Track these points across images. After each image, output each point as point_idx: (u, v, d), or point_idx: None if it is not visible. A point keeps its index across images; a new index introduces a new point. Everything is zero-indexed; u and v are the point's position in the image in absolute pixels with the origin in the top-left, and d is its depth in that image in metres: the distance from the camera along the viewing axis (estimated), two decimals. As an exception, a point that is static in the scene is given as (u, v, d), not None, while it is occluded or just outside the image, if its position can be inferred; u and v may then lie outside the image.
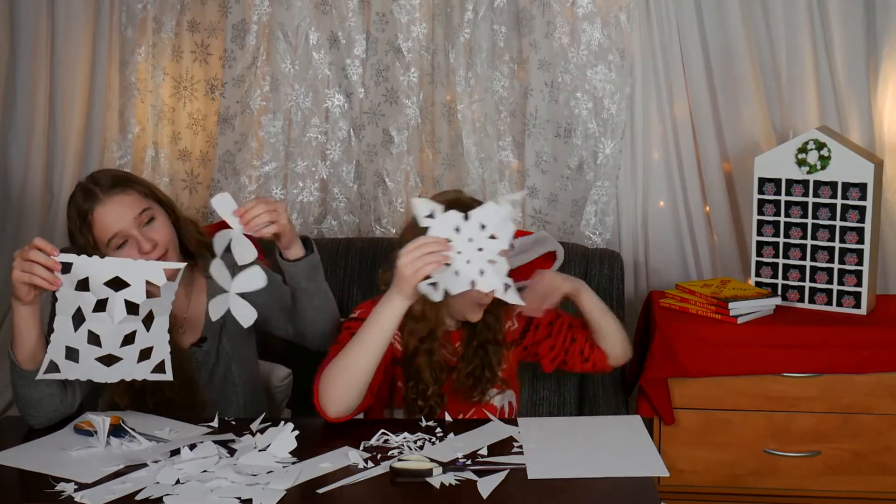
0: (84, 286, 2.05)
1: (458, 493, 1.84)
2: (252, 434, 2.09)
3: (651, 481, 1.89)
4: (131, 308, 2.08)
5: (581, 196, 3.33)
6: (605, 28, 3.25)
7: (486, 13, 3.27)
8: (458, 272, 2.01)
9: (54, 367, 2.09)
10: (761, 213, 3.09)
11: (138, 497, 1.83)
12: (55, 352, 2.09)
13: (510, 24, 3.30)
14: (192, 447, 1.97)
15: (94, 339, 2.08)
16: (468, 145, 3.30)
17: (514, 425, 2.14)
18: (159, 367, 2.13)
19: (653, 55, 3.30)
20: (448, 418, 2.20)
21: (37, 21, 3.46)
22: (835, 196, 2.99)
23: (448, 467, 1.91)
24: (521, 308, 2.34)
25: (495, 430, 2.12)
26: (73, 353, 2.09)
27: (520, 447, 2.03)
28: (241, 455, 1.97)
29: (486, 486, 1.85)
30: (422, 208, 2.00)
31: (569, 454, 2.00)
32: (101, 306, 2.06)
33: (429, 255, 1.97)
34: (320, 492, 1.84)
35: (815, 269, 3.06)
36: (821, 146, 2.99)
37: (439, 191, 3.35)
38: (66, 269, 2.05)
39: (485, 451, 2.00)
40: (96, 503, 1.82)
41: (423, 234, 2.02)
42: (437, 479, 1.87)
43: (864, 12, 3.22)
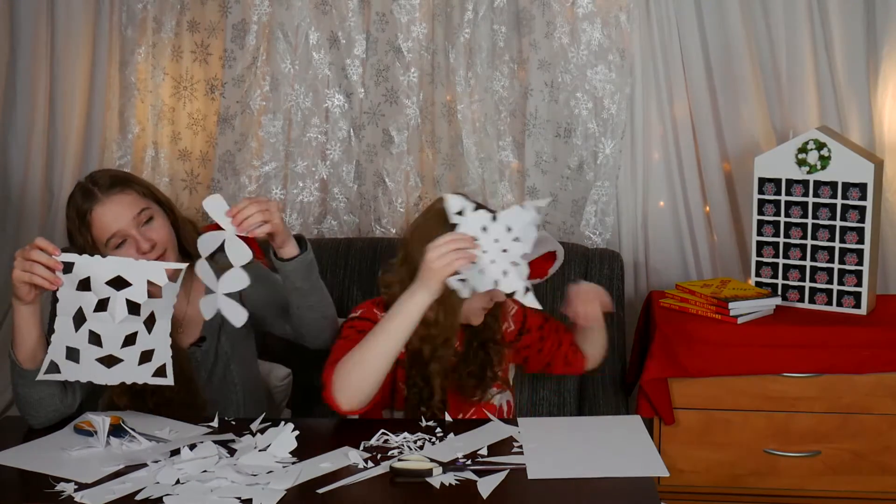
0: (85, 286, 2.05)
1: (458, 493, 1.84)
2: (252, 434, 2.09)
3: (651, 481, 1.89)
4: (133, 308, 2.08)
5: (581, 196, 3.32)
6: (605, 28, 3.25)
7: (486, 13, 3.27)
8: (483, 271, 2.02)
9: (55, 368, 2.09)
10: (761, 213, 3.09)
11: (138, 497, 1.83)
12: (56, 352, 2.09)
13: (510, 24, 3.30)
14: (192, 447, 1.97)
15: (94, 338, 2.08)
16: (468, 145, 3.30)
17: (514, 425, 2.14)
18: (160, 371, 2.13)
19: (653, 55, 3.30)
20: (448, 418, 2.20)
21: (37, 21, 3.46)
22: (835, 196, 2.99)
23: (448, 467, 1.91)
24: (573, 317, 2.38)
25: (495, 430, 2.12)
26: (73, 354, 2.09)
27: (520, 447, 2.03)
28: (241, 455, 1.97)
29: (486, 486, 1.85)
30: (454, 204, 2.02)
31: (569, 454, 2.00)
32: (102, 306, 2.07)
33: (458, 251, 1.97)
34: (320, 492, 1.84)
35: (815, 269, 3.06)
36: (821, 146, 2.99)
37: (440, 191, 3.35)
38: (68, 268, 2.05)
39: (485, 451, 2.00)
40: (96, 503, 1.82)
41: (431, 225, 2.10)
42: (437, 479, 1.87)
43: (864, 12, 3.22)
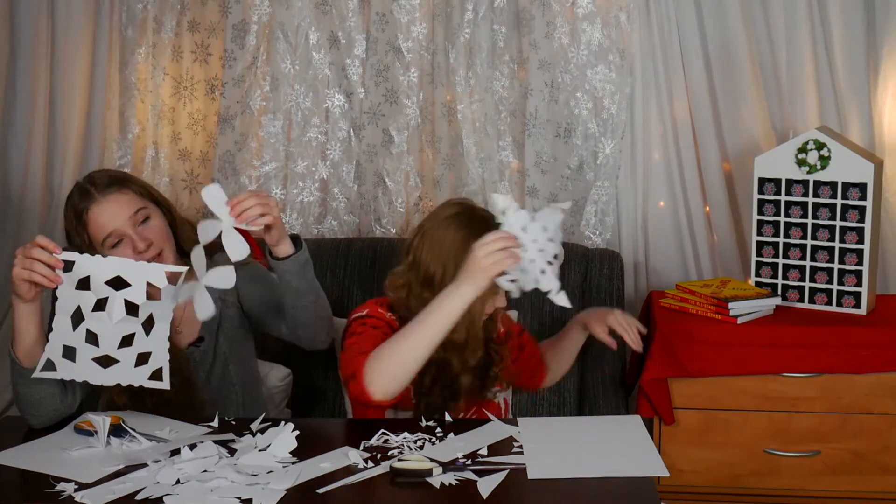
0: (84, 285, 2.05)
1: (458, 493, 1.84)
2: (252, 434, 2.09)
3: (651, 481, 1.89)
4: (131, 309, 2.07)
5: (581, 196, 3.32)
6: (605, 28, 3.25)
7: (486, 13, 3.27)
8: (525, 270, 2.05)
9: (51, 366, 2.09)
10: (761, 213, 3.09)
11: (138, 497, 1.83)
12: (53, 350, 2.08)
13: (510, 24, 3.29)
14: (192, 447, 1.97)
15: (92, 338, 2.08)
16: (468, 145, 3.30)
17: (514, 425, 2.15)
18: (157, 374, 2.12)
19: (653, 55, 3.30)
20: (448, 418, 2.20)
21: (37, 21, 3.46)
22: (835, 196, 2.99)
23: (448, 467, 1.91)
24: (594, 331, 2.53)
25: (495, 430, 2.12)
26: (70, 353, 2.09)
27: (520, 447, 2.03)
28: (241, 455, 1.97)
29: (486, 486, 1.85)
30: (500, 204, 2.04)
31: (569, 454, 2.00)
32: (101, 306, 2.06)
33: (505, 250, 1.99)
34: (320, 492, 1.84)
35: (815, 269, 3.06)
36: (821, 146, 2.99)
37: (440, 191, 3.35)
38: (68, 267, 2.05)
39: (485, 451, 2.00)
40: (96, 503, 1.82)
41: (442, 231, 2.20)
42: (437, 479, 1.87)
43: (864, 12, 3.21)
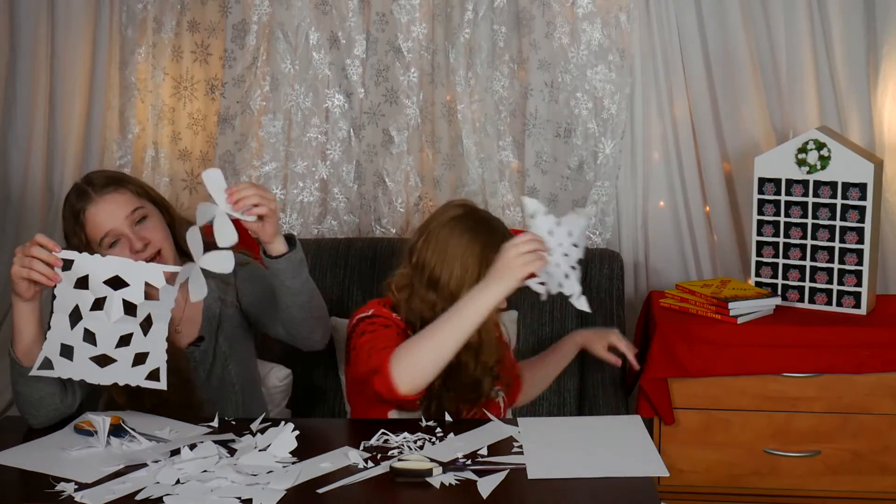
0: (83, 284, 2.05)
1: (458, 493, 1.84)
2: (252, 434, 2.09)
3: (651, 481, 1.89)
4: (129, 308, 2.07)
5: (581, 196, 3.32)
6: (605, 28, 3.25)
7: (486, 13, 3.27)
8: (550, 273, 2.06)
9: (48, 364, 2.08)
10: (761, 213, 3.09)
11: (138, 497, 1.83)
12: (50, 349, 2.07)
13: (510, 24, 3.29)
14: (192, 447, 1.97)
15: (89, 337, 2.07)
16: (468, 145, 3.30)
17: (514, 425, 2.15)
18: (154, 375, 2.11)
19: (653, 55, 3.30)
20: (448, 418, 2.20)
21: (37, 21, 3.46)
22: (835, 196, 2.99)
23: (448, 467, 1.91)
24: (593, 349, 2.63)
25: (495, 430, 2.12)
26: (68, 352, 2.08)
27: (520, 447, 2.03)
28: (241, 455, 1.97)
29: (486, 486, 1.85)
30: (529, 207, 2.06)
31: (569, 454, 2.00)
32: (99, 305, 2.06)
33: (535, 252, 2.01)
34: (320, 492, 1.84)
35: (815, 269, 3.06)
36: (821, 146, 2.99)
37: (440, 191, 3.35)
38: (67, 266, 2.05)
39: (485, 451, 2.00)
40: (96, 503, 1.82)
41: (447, 233, 2.24)
42: (437, 479, 1.87)
43: (864, 12, 3.21)
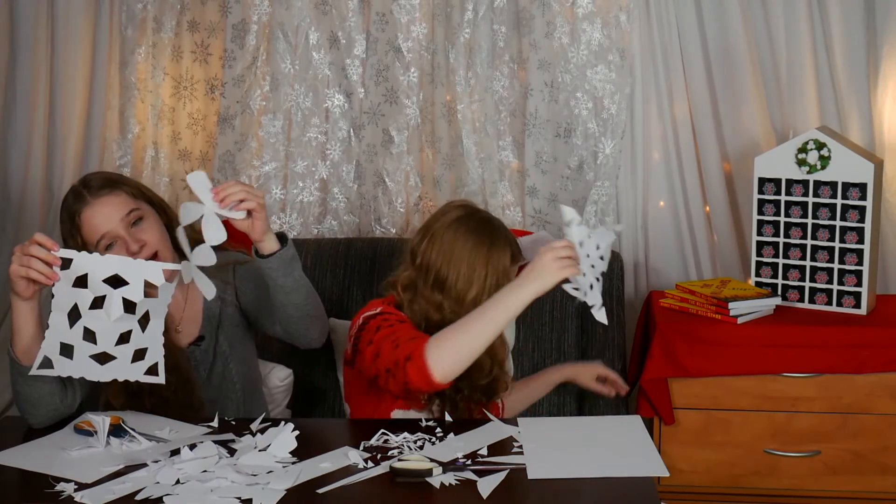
0: (82, 283, 2.05)
1: (458, 493, 1.84)
2: (252, 434, 2.09)
3: (651, 481, 1.89)
4: (128, 307, 2.07)
5: (581, 196, 3.32)
6: (605, 28, 3.25)
7: (486, 13, 3.27)
8: (578, 282, 2.10)
9: (48, 363, 2.08)
10: (761, 213, 3.09)
11: (138, 497, 1.83)
12: (49, 348, 2.07)
13: (510, 24, 3.29)
14: (192, 447, 1.97)
15: (89, 336, 2.07)
16: (468, 145, 3.30)
17: (514, 425, 2.15)
18: (152, 370, 2.11)
19: (653, 55, 3.29)
20: (448, 418, 2.20)
21: (37, 21, 3.46)
22: (835, 196, 2.99)
23: (448, 467, 1.91)
24: (583, 381, 2.76)
25: (495, 430, 2.12)
26: (67, 350, 2.08)
27: (520, 447, 2.03)
28: (241, 455, 1.97)
29: (486, 486, 1.85)
30: (567, 215, 2.10)
31: (569, 454, 2.00)
32: (98, 304, 2.06)
33: (571, 259, 2.06)
34: (320, 492, 1.84)
35: (815, 269, 3.06)
36: (821, 146, 2.99)
37: (440, 191, 3.35)
38: (66, 265, 2.05)
39: (485, 451, 2.01)
40: (96, 503, 1.82)
41: (451, 234, 2.29)
42: (437, 479, 1.87)
43: (864, 12, 3.21)
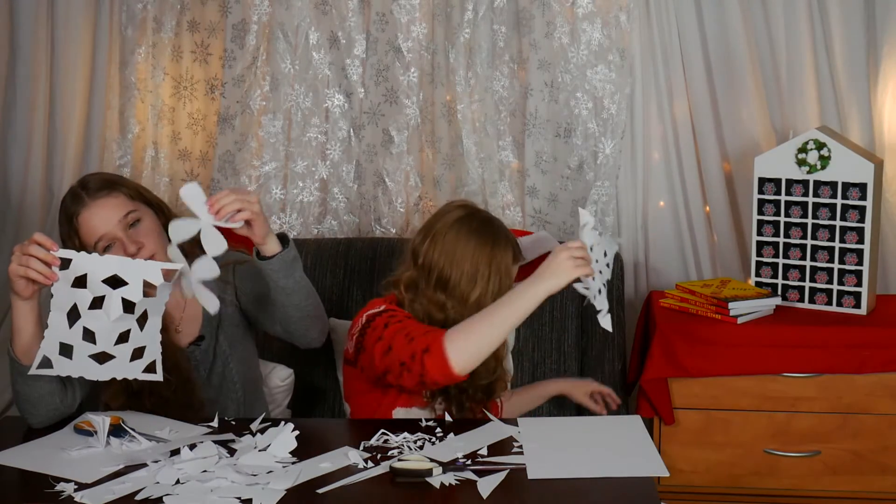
0: (81, 283, 2.05)
1: (458, 493, 1.84)
2: (252, 434, 2.09)
3: (651, 481, 1.89)
4: (127, 307, 2.07)
5: (581, 196, 3.32)
6: (605, 28, 3.25)
7: (486, 13, 3.27)
8: (588, 285, 2.12)
9: (47, 363, 2.08)
10: (761, 213, 3.09)
11: (138, 497, 1.83)
12: (48, 347, 2.07)
13: (510, 24, 3.29)
14: (192, 447, 1.97)
15: (88, 335, 2.06)
16: (468, 145, 3.30)
17: (514, 425, 2.15)
18: (150, 368, 2.11)
19: (653, 55, 3.30)
20: (448, 418, 2.20)
21: (37, 21, 3.46)
22: (835, 196, 2.99)
23: (448, 467, 1.91)
24: (577, 398, 2.76)
25: (495, 430, 2.12)
26: (66, 350, 2.08)
27: (520, 447, 2.03)
28: (241, 455, 1.97)
29: (486, 486, 1.85)
30: (584, 217, 2.12)
31: (569, 454, 2.00)
32: (97, 304, 2.06)
33: (584, 259, 2.08)
34: (320, 492, 1.84)
35: (815, 269, 3.06)
36: (821, 146, 2.99)
37: (440, 191, 3.35)
38: (65, 265, 2.04)
39: (485, 451, 2.01)
40: (96, 503, 1.82)
41: (454, 234, 2.30)
42: (437, 479, 1.87)
43: (864, 12, 3.21)
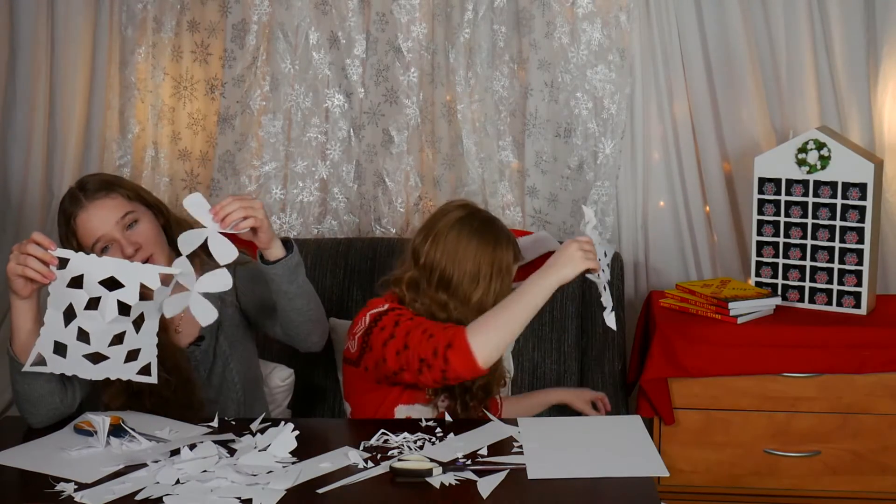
0: (77, 283, 2.05)
1: (458, 493, 1.84)
2: (252, 434, 2.09)
3: (651, 481, 1.89)
4: (123, 309, 2.07)
5: (581, 196, 3.32)
6: (605, 28, 3.25)
7: (486, 13, 3.27)
8: (594, 281, 2.17)
9: (41, 361, 2.08)
10: (761, 213, 3.09)
11: (138, 497, 1.83)
12: (43, 345, 2.07)
13: (510, 24, 3.30)
14: (192, 447, 1.97)
15: (83, 336, 2.07)
16: (468, 145, 3.30)
17: (514, 425, 2.15)
18: (145, 370, 2.11)
19: (653, 55, 3.30)
20: (448, 418, 2.20)
21: (37, 21, 3.46)
22: (835, 196, 2.99)
23: (448, 467, 1.91)
24: (576, 406, 2.77)
25: (495, 430, 2.12)
26: (61, 349, 2.08)
27: (520, 447, 2.03)
28: (241, 455, 1.97)
29: (486, 486, 1.85)
30: (588, 215, 2.16)
31: (569, 454, 2.00)
32: (93, 304, 2.05)
33: (592, 253, 2.13)
34: (320, 492, 1.84)
35: (815, 269, 3.06)
36: (821, 146, 2.99)
37: (440, 191, 3.35)
38: (63, 264, 2.04)
39: (485, 451, 2.01)
40: (96, 503, 1.82)
41: (455, 234, 2.31)
42: (437, 479, 1.87)
43: (864, 12, 3.21)
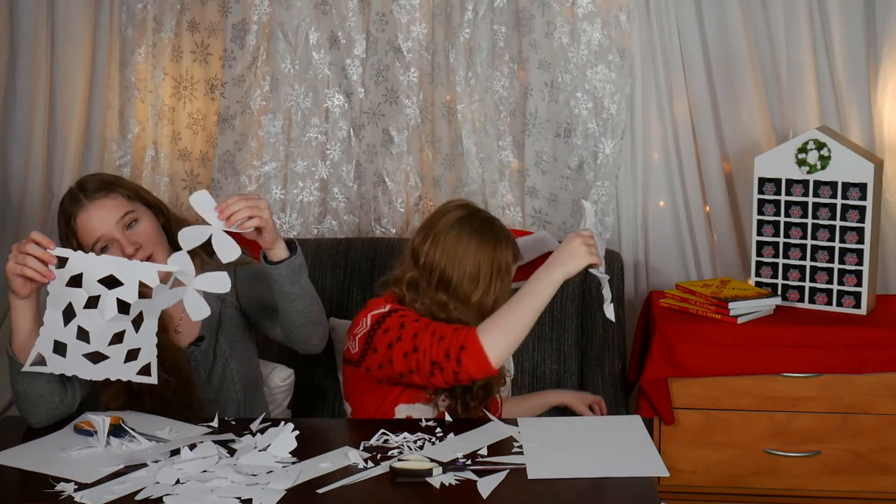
0: (76, 283, 2.05)
1: (458, 493, 1.84)
2: (252, 434, 2.09)
3: (651, 481, 1.89)
4: (122, 307, 2.07)
5: (581, 196, 3.32)
6: (605, 28, 3.25)
7: (486, 13, 3.27)
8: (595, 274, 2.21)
9: (41, 360, 2.08)
10: (761, 213, 3.09)
11: (138, 497, 1.83)
12: (43, 345, 2.07)
13: (510, 24, 3.29)
14: (192, 447, 1.97)
15: (83, 335, 2.07)
16: (468, 145, 3.30)
17: (514, 425, 2.15)
18: (145, 370, 2.11)
19: (653, 55, 3.30)
20: (448, 418, 2.20)
21: (37, 21, 3.46)
22: (835, 196, 2.99)
23: (448, 467, 1.91)
24: (575, 407, 2.77)
25: (495, 430, 2.12)
26: (60, 348, 2.08)
27: (520, 447, 2.03)
28: (241, 455, 1.97)
29: (486, 486, 1.85)
30: (588, 210, 2.19)
31: (569, 454, 2.00)
32: (92, 303, 2.05)
33: (595, 248, 2.15)
34: (320, 492, 1.84)
35: (815, 269, 3.06)
36: (821, 146, 2.99)
37: (440, 191, 3.35)
38: (63, 264, 2.05)
39: (485, 451, 2.01)
40: (96, 503, 1.82)
41: (455, 234, 2.32)
42: (437, 479, 1.87)
43: (864, 12, 3.21)
